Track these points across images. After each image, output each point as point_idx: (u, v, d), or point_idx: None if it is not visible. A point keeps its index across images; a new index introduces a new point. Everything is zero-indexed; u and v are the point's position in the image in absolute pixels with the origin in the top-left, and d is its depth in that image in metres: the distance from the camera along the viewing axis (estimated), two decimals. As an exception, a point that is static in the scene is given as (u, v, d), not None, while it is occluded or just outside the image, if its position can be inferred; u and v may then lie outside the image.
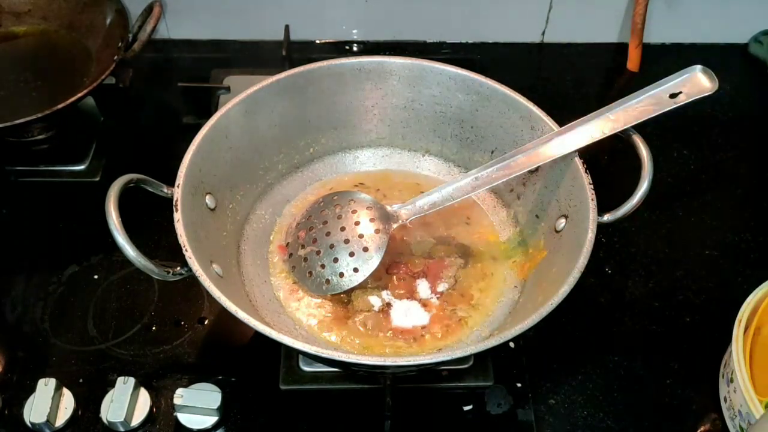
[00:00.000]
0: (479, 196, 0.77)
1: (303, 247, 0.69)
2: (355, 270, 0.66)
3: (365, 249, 0.66)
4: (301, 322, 0.67)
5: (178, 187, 0.62)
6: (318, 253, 0.67)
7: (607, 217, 0.64)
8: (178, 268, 0.59)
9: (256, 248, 0.72)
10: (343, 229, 0.67)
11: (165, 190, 0.62)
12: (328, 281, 0.67)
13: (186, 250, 0.58)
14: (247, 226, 0.72)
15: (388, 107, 0.77)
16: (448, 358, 0.54)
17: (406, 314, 0.68)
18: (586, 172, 0.65)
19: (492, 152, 0.75)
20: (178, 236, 0.58)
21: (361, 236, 0.67)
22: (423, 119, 0.77)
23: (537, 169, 0.70)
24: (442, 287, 0.70)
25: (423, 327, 0.67)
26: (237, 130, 0.70)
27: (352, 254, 0.66)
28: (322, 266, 0.67)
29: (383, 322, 0.67)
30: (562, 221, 0.67)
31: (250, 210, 0.73)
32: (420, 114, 0.77)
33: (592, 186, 0.64)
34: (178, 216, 0.60)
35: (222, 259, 0.65)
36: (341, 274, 0.66)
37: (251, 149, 0.72)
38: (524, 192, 0.73)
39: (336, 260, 0.67)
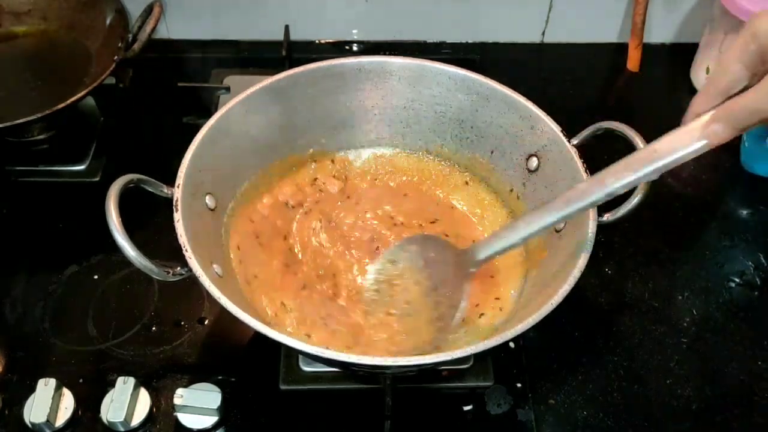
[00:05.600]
0: (478, 196, 0.77)
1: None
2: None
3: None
4: (301, 322, 0.67)
5: (178, 187, 0.62)
6: None
7: (607, 217, 0.64)
8: (178, 269, 0.59)
9: (257, 248, 0.72)
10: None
11: (165, 190, 0.62)
12: None
13: (186, 251, 0.58)
14: (247, 226, 0.72)
15: (388, 107, 0.77)
16: (448, 358, 0.54)
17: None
18: (586, 172, 0.65)
19: (492, 152, 0.75)
20: (178, 236, 0.58)
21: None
22: (423, 119, 0.77)
23: (537, 168, 0.70)
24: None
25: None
26: (237, 130, 0.70)
27: None
28: None
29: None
30: (562, 221, 0.67)
31: (251, 210, 0.73)
32: (420, 114, 0.77)
33: (592, 185, 0.64)
34: (178, 216, 0.60)
35: (222, 259, 0.65)
36: None
37: (251, 149, 0.72)
38: (524, 192, 0.73)
39: None
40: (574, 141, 0.67)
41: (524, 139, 0.71)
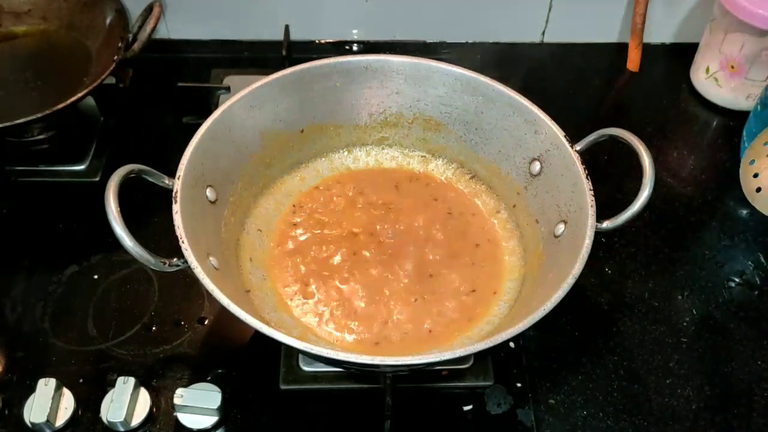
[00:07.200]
0: (480, 199, 0.77)
1: None
2: None
3: None
4: (299, 320, 0.67)
5: (178, 179, 0.62)
6: None
7: (606, 224, 0.63)
8: (175, 260, 0.59)
9: (257, 242, 0.72)
10: None
11: (166, 181, 0.62)
12: None
13: (183, 242, 0.58)
14: (247, 220, 0.72)
15: (393, 106, 0.77)
16: (448, 357, 0.54)
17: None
18: (587, 177, 0.65)
19: (495, 155, 0.75)
20: (176, 228, 0.58)
21: None
22: (428, 119, 0.77)
23: (539, 172, 0.70)
24: (442, 287, 0.70)
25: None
26: (240, 125, 0.70)
27: None
28: None
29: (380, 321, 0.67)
30: (561, 226, 0.67)
31: (252, 204, 0.73)
32: (425, 114, 0.77)
33: (592, 192, 0.64)
34: (176, 207, 0.60)
35: (221, 253, 0.65)
36: None
37: (254, 144, 0.72)
38: (525, 195, 0.73)
39: None
40: (578, 147, 0.67)
41: (528, 143, 0.71)
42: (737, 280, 0.78)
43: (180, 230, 0.58)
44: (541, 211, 0.70)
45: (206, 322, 0.72)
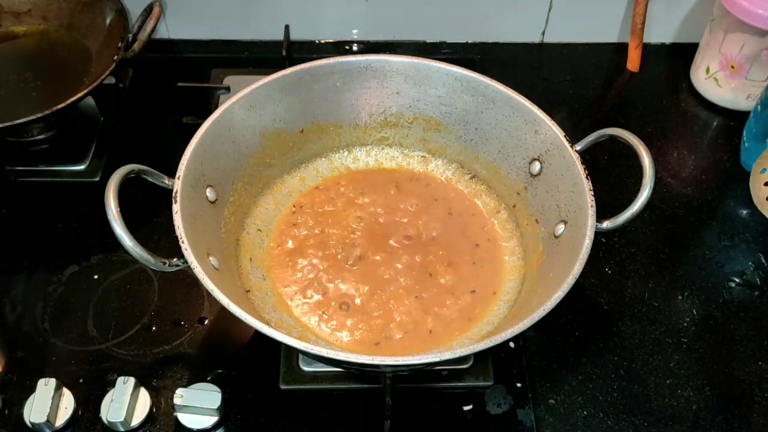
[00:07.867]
0: (480, 199, 0.77)
1: None
2: None
3: None
4: (299, 320, 0.67)
5: (178, 179, 0.62)
6: None
7: (606, 225, 0.64)
8: (175, 259, 0.59)
9: (257, 242, 0.72)
10: None
11: (166, 181, 0.62)
12: None
13: (182, 242, 0.58)
14: (247, 220, 0.72)
15: (394, 106, 0.77)
16: (448, 357, 0.54)
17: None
18: (587, 177, 0.65)
19: (495, 155, 0.75)
20: (176, 228, 0.59)
21: None
22: (428, 119, 0.77)
23: (539, 172, 0.70)
24: (442, 287, 0.70)
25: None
26: (240, 125, 0.70)
27: None
28: None
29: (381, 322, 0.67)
30: (561, 226, 0.67)
31: (252, 204, 0.73)
32: (425, 114, 0.77)
33: (592, 192, 0.64)
34: (176, 207, 0.60)
35: (221, 253, 0.65)
36: None
37: (254, 144, 0.72)
38: (526, 195, 0.73)
39: None
40: (578, 147, 0.67)
41: (528, 143, 0.71)
42: (737, 280, 0.78)
43: (180, 230, 0.58)
44: (541, 211, 0.70)
45: (206, 322, 0.72)
